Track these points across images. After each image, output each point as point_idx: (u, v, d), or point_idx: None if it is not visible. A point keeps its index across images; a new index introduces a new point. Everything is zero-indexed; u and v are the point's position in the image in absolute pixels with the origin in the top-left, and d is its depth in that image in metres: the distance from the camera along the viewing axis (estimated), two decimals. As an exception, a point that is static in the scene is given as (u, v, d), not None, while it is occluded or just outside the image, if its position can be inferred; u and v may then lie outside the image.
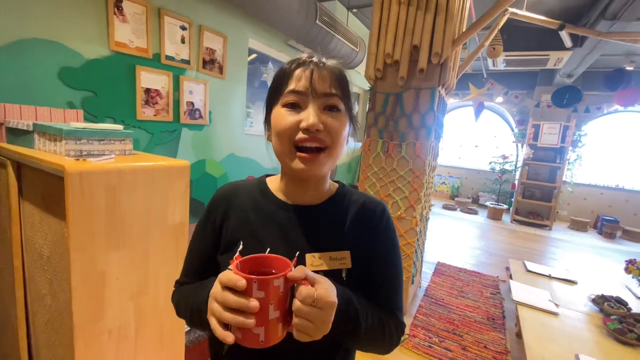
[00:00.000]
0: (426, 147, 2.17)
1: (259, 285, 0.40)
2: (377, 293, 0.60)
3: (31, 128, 1.07)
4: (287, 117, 0.53)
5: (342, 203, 0.63)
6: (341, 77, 0.56)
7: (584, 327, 1.86)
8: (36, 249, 1.10)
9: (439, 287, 2.92)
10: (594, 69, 5.07)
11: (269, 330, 0.41)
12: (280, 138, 0.54)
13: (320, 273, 0.54)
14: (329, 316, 0.42)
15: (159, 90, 1.93)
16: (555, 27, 2.50)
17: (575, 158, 5.89)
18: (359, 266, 0.58)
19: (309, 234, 0.59)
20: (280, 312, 0.42)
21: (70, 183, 0.85)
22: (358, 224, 0.61)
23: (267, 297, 0.40)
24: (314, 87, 0.53)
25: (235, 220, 0.61)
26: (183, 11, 2.02)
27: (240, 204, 0.63)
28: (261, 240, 0.59)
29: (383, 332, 0.56)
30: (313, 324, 0.41)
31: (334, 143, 0.55)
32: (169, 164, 1.12)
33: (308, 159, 0.53)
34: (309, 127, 0.51)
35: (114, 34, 1.67)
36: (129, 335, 1.12)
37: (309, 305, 0.41)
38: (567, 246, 4.71)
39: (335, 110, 0.55)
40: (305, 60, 0.55)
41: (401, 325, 0.60)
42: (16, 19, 1.38)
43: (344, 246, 0.58)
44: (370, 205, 0.63)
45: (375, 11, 2.21)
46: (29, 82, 1.45)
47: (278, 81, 0.56)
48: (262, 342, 0.41)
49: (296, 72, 0.54)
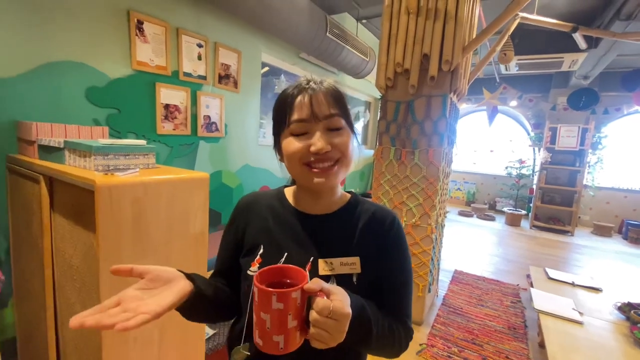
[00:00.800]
0: (439, 154, 2.17)
1: (278, 298, 0.43)
2: (386, 300, 0.63)
3: (62, 145, 1.14)
4: (296, 144, 0.58)
5: (354, 212, 0.67)
6: (337, 95, 0.60)
7: (610, 337, 1.79)
8: (66, 259, 1.16)
9: (457, 296, 2.87)
10: (611, 70, 4.96)
11: (287, 338, 0.44)
12: (292, 162, 0.60)
13: (332, 277, 0.59)
14: (344, 326, 0.45)
15: (177, 105, 2.01)
16: (568, 29, 2.48)
17: (595, 161, 5.71)
18: (369, 272, 0.62)
19: (322, 241, 0.64)
20: (298, 321, 0.45)
21: (101, 196, 0.91)
22: (368, 232, 0.65)
23: (286, 308, 0.43)
24: (315, 113, 0.57)
25: (255, 227, 0.68)
26: (199, 30, 2.12)
27: (260, 212, 0.69)
28: (279, 245, 0.64)
29: (392, 338, 0.60)
30: (329, 333, 0.44)
31: (344, 155, 0.60)
32: (189, 176, 1.17)
33: (322, 173, 0.58)
34: (318, 152, 0.56)
35: (135, 54, 1.77)
36: (153, 342, 1.15)
37: (325, 317, 0.43)
38: (591, 252, 4.55)
39: (338, 128, 0.60)
40: (304, 87, 0.60)
41: (409, 331, 0.64)
42: (46, 43, 1.48)
43: (354, 253, 0.62)
44: (380, 214, 0.67)
45: (384, 22, 2.25)
46: (58, 101, 1.54)
47: (281, 111, 0.61)
48: (281, 348, 0.44)
49: (297, 101, 0.59)
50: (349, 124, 0.62)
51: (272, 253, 0.63)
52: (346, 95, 0.63)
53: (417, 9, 2.10)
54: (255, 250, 0.65)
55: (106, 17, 1.66)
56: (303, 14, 2.42)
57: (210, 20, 2.18)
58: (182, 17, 2.00)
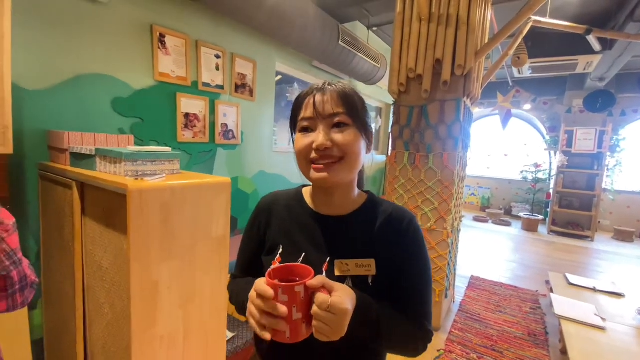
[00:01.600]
0: (454, 158, 2.18)
1: (283, 291, 0.48)
2: (404, 301, 0.63)
3: (93, 152, 1.20)
4: (302, 141, 0.62)
5: (371, 213, 0.68)
6: (345, 95, 0.62)
7: (633, 342, 1.75)
8: (96, 262, 1.21)
9: (475, 302, 2.83)
10: (628, 71, 4.87)
11: (293, 328, 0.48)
12: (299, 158, 0.64)
13: (348, 278, 0.61)
14: (343, 321, 0.48)
15: (196, 114, 2.08)
16: (581, 32, 2.47)
17: (614, 164, 5.58)
18: (385, 274, 0.62)
19: (338, 242, 0.65)
20: (303, 314, 0.49)
21: (132, 200, 0.96)
22: (385, 234, 0.65)
23: (291, 301, 0.48)
24: (318, 111, 0.61)
25: (276, 227, 0.71)
26: (217, 41, 2.19)
27: (280, 213, 0.72)
28: (297, 246, 0.67)
29: (406, 339, 0.61)
30: (329, 327, 0.47)
31: (346, 154, 0.60)
32: (213, 180, 1.21)
33: (322, 169, 0.60)
34: (318, 147, 0.59)
35: (158, 66, 1.84)
36: (178, 342, 1.19)
37: (324, 311, 0.47)
38: (612, 258, 4.41)
39: (343, 126, 0.61)
40: (314, 88, 0.64)
41: (428, 333, 0.63)
42: (75, 57, 1.56)
43: (370, 254, 0.63)
44: (397, 215, 0.67)
45: (396, 29, 2.29)
46: (86, 112, 1.62)
47: (294, 111, 0.66)
48: (288, 337, 0.49)
49: (305, 101, 0.63)
50: (358, 124, 0.62)
51: (290, 253, 0.65)
52: (360, 97, 0.64)
53: (428, 15, 2.13)
54: (275, 250, 0.67)
55: (131, 32, 1.74)
56: (316, 23, 2.48)
57: (227, 32, 2.26)
58: (201, 30, 2.08)
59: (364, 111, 0.64)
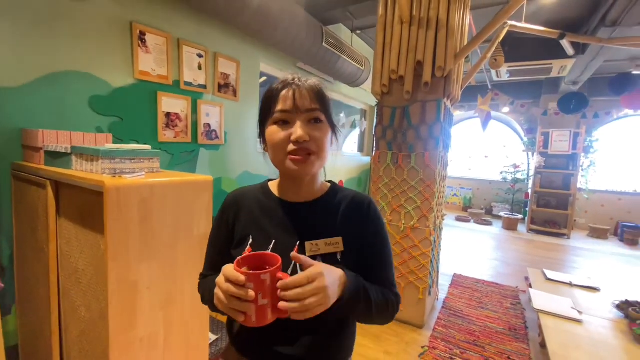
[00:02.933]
0: (435, 157, 2.22)
1: (249, 279, 0.50)
2: (373, 273, 0.69)
3: (69, 150, 1.17)
4: (279, 133, 0.63)
5: (334, 199, 0.73)
6: (320, 93, 0.66)
7: (609, 334, 1.82)
8: (71, 263, 1.18)
9: (457, 299, 2.88)
10: (599, 75, 5.09)
11: (259, 313, 0.51)
12: (276, 150, 0.64)
13: (318, 257, 0.65)
14: (323, 283, 0.52)
15: (178, 113, 2.05)
16: (555, 36, 2.57)
17: (588, 164, 5.81)
18: (351, 250, 0.68)
19: (307, 226, 0.69)
20: (269, 300, 0.51)
21: (109, 197, 0.93)
22: (348, 215, 0.71)
23: (256, 288, 0.50)
24: (297, 105, 0.63)
25: (244, 219, 0.72)
26: (200, 40, 2.17)
27: (248, 205, 0.74)
28: (267, 233, 0.69)
29: (387, 304, 0.67)
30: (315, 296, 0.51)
31: (319, 149, 0.65)
32: (194, 178, 1.20)
33: (299, 161, 0.63)
34: (297, 140, 0.61)
35: (138, 64, 1.81)
36: (158, 344, 1.16)
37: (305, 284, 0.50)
38: (588, 254, 4.58)
39: (318, 122, 0.65)
40: (289, 82, 0.65)
41: (397, 296, 0.70)
42: (51, 53, 1.52)
43: (336, 234, 0.68)
44: (358, 199, 0.73)
45: (378, 32, 2.33)
46: (62, 110, 1.58)
47: (267, 102, 0.66)
48: (254, 322, 0.51)
49: (282, 94, 0.64)
50: (330, 121, 0.67)
51: (261, 241, 0.68)
52: (327, 95, 0.69)
53: (410, 18, 2.18)
54: (245, 241, 0.69)
55: (109, 29, 1.71)
56: (300, 25, 2.49)
57: (210, 31, 2.24)
58: (183, 28, 2.06)
59: (332, 108, 0.70)
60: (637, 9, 2.64)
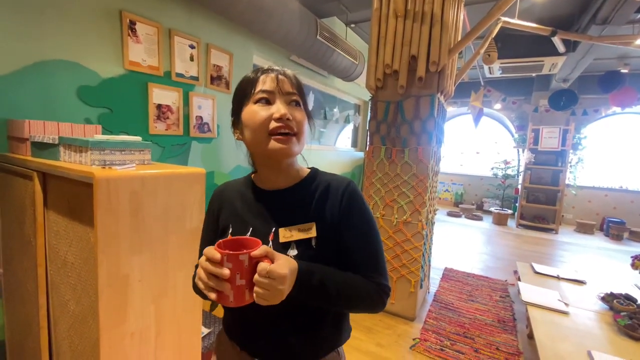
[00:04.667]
0: (428, 152, 2.23)
1: (227, 259, 0.51)
2: (355, 259, 0.67)
3: (57, 141, 1.14)
4: (261, 112, 0.64)
5: (312, 183, 0.73)
6: (298, 82, 0.69)
7: (594, 325, 1.86)
8: (60, 257, 1.15)
9: (448, 292, 2.92)
10: (589, 73, 5.17)
11: (236, 293, 0.52)
12: (257, 129, 0.64)
13: (292, 243, 0.66)
14: (280, 285, 0.52)
15: (169, 105, 2.01)
16: (547, 33, 2.59)
17: (577, 161, 5.92)
18: (327, 235, 0.66)
19: (282, 212, 0.70)
20: (246, 281, 0.52)
21: (99, 189, 0.91)
22: (324, 199, 0.70)
23: (234, 268, 0.51)
24: (280, 86, 0.65)
25: (226, 210, 0.75)
26: (192, 31, 2.13)
27: (230, 197, 0.77)
28: (244, 221, 0.71)
29: (359, 296, 0.64)
30: (267, 291, 0.51)
31: (300, 130, 0.66)
32: (186, 170, 1.18)
33: (283, 140, 0.64)
34: (281, 117, 0.62)
35: (128, 54, 1.77)
36: (150, 338, 1.15)
37: (263, 277, 0.51)
38: (575, 249, 4.69)
39: (298, 105, 0.67)
40: (267, 68, 0.67)
41: (382, 287, 0.67)
42: (37, 42, 1.47)
43: (312, 219, 0.67)
44: (335, 182, 0.72)
45: (373, 25, 2.32)
46: (50, 100, 1.53)
47: (244, 87, 0.67)
48: (231, 301, 0.52)
49: (261, 78, 0.66)
50: (306, 108, 0.70)
51: (239, 230, 0.70)
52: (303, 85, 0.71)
53: (404, 12, 2.17)
54: (226, 231, 0.72)
55: (98, 17, 1.66)
56: (294, 17, 2.46)
57: (202, 21, 2.20)
58: (174, 19, 2.01)
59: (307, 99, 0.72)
60: (626, 8, 2.68)
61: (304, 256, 0.63)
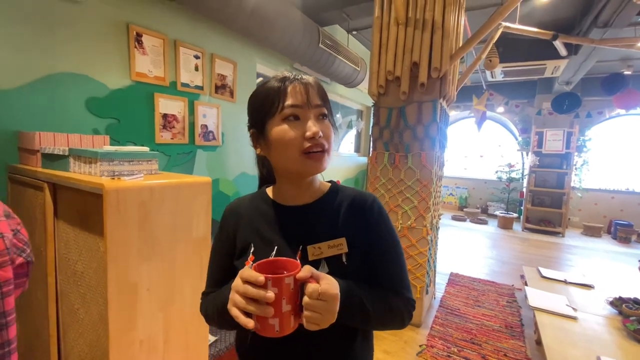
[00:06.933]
0: (432, 157, 2.24)
1: (273, 283, 0.47)
2: (381, 275, 0.66)
3: (67, 153, 1.16)
4: (291, 132, 0.60)
5: (335, 198, 0.70)
6: (322, 89, 0.65)
7: (603, 330, 1.84)
8: (70, 266, 1.17)
9: (454, 298, 2.90)
10: (592, 75, 5.17)
11: (282, 321, 0.47)
12: (289, 150, 0.60)
13: (322, 261, 0.63)
14: (333, 306, 0.50)
15: (175, 115, 2.05)
16: (548, 37, 2.61)
17: (582, 163, 5.89)
18: (357, 251, 0.64)
19: (307, 229, 0.66)
20: (292, 306, 0.48)
21: (109, 200, 0.93)
22: (351, 214, 0.67)
23: (280, 293, 0.47)
24: (309, 99, 0.61)
25: (244, 229, 0.70)
26: (196, 42, 2.17)
27: (247, 213, 0.71)
28: (268, 240, 0.66)
29: (392, 312, 0.63)
30: (320, 314, 0.48)
31: (330, 146, 0.63)
32: (193, 180, 1.20)
33: (316, 158, 0.61)
34: (314, 135, 0.59)
35: (134, 66, 1.81)
36: (158, 346, 1.16)
37: (315, 299, 0.48)
38: (582, 252, 4.64)
39: (326, 118, 0.64)
40: (293, 78, 0.62)
41: (410, 301, 0.66)
42: (47, 55, 1.51)
43: (339, 235, 0.64)
44: (361, 197, 0.70)
45: (375, 32, 2.34)
46: (59, 112, 1.56)
47: (270, 98, 0.61)
48: (277, 331, 0.47)
49: (289, 89, 0.61)
50: (331, 118, 0.67)
51: (263, 249, 0.65)
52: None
53: (405, 19, 2.19)
54: (247, 250, 0.67)
55: (106, 30, 1.70)
56: (296, 26, 2.50)
57: (206, 32, 2.24)
58: (179, 30, 2.06)
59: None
60: (627, 11, 2.69)
61: (336, 273, 0.58)
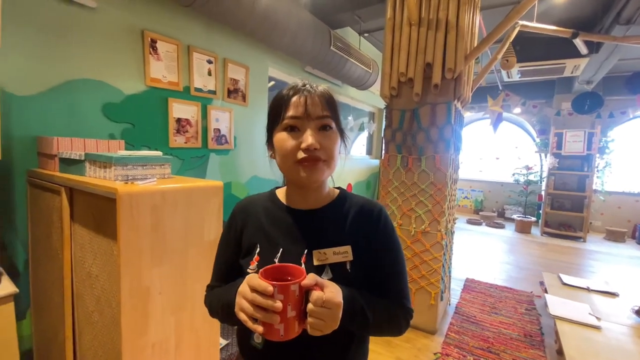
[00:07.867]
0: (446, 160, 2.19)
1: (279, 290, 0.49)
2: (383, 285, 0.67)
3: (83, 157, 1.19)
4: (289, 141, 0.62)
5: (343, 206, 0.71)
6: (330, 99, 0.65)
7: (629, 340, 1.75)
8: (85, 269, 1.19)
9: (470, 304, 2.83)
10: (614, 74, 4.98)
11: (287, 326, 0.49)
12: (285, 158, 0.63)
13: (326, 267, 0.64)
14: (337, 314, 0.51)
15: (189, 119, 2.07)
16: (568, 35, 2.52)
17: (604, 165, 5.67)
18: (361, 259, 0.65)
19: (315, 234, 0.67)
20: (297, 312, 0.50)
21: (122, 204, 0.94)
22: (358, 223, 0.69)
23: (286, 300, 0.49)
24: (308, 112, 0.62)
25: (252, 228, 0.71)
26: (209, 47, 2.20)
27: (255, 213, 0.73)
28: (274, 242, 0.67)
29: (390, 321, 0.65)
30: (324, 321, 0.50)
31: (329, 157, 0.64)
32: (205, 184, 1.21)
33: (308, 167, 0.62)
34: (308, 147, 0.60)
35: (149, 71, 1.84)
36: (170, 349, 1.17)
37: (319, 307, 0.49)
38: (605, 258, 4.46)
39: (328, 129, 0.64)
40: (300, 88, 0.64)
41: (409, 311, 0.68)
42: (65, 62, 1.55)
43: (345, 242, 0.66)
44: (368, 206, 0.71)
45: (387, 34, 2.32)
46: (76, 117, 1.61)
47: (276, 108, 0.65)
48: (282, 336, 0.50)
49: (293, 100, 0.63)
50: (338, 128, 0.67)
51: (268, 250, 0.67)
52: (337, 101, 0.68)
53: (418, 20, 2.16)
54: (253, 250, 0.68)
55: (122, 37, 1.74)
56: (308, 29, 2.50)
57: (219, 37, 2.27)
58: (193, 35, 2.09)
59: (340, 114, 0.69)
60: (653, 6, 2.57)
61: (339, 280, 0.59)
